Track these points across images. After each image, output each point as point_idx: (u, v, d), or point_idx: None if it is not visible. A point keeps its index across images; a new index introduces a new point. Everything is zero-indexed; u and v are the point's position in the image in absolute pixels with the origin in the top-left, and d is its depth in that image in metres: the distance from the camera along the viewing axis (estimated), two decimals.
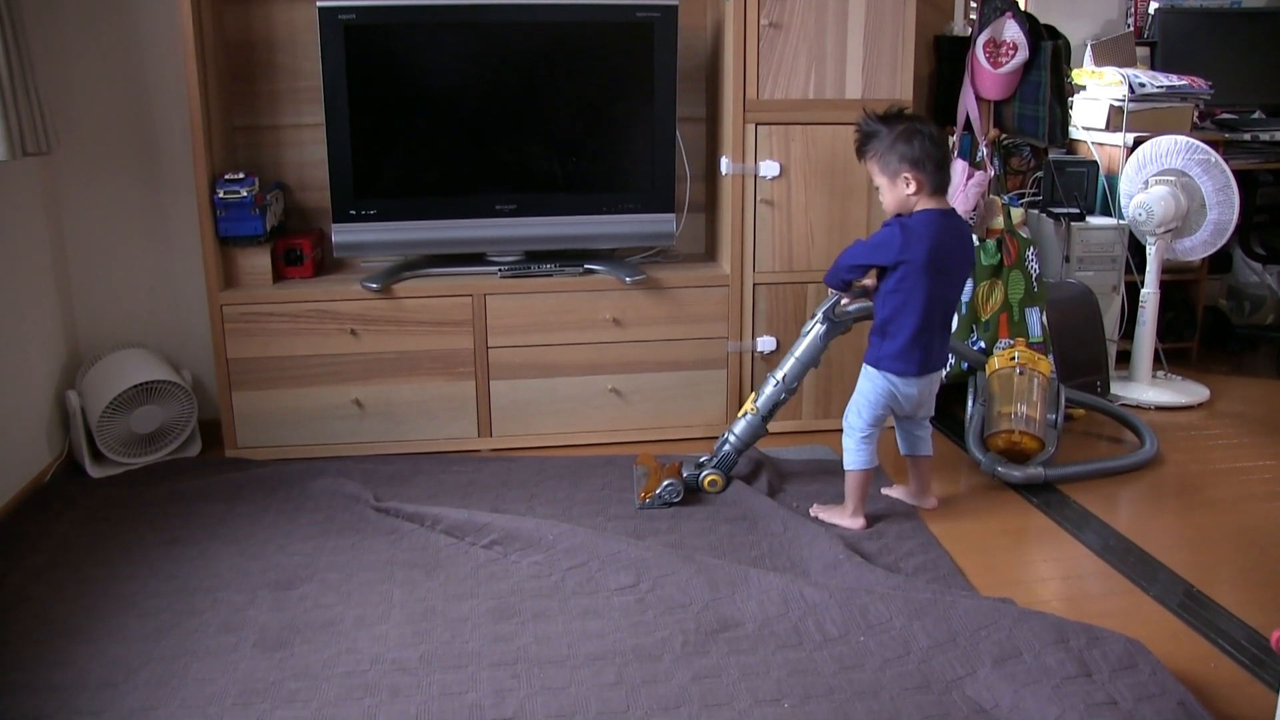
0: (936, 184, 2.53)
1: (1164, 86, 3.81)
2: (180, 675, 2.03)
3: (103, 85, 3.19)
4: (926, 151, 2.50)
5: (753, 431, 2.87)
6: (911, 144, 2.51)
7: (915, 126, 2.54)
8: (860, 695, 1.95)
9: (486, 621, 2.21)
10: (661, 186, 3.24)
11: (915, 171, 2.51)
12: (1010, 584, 2.42)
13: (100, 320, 3.33)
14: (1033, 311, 3.40)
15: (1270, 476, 3.06)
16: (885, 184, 2.57)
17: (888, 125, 2.56)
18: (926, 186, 2.52)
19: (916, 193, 2.52)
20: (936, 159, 2.52)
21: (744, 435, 2.87)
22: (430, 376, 3.17)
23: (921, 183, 2.51)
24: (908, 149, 2.51)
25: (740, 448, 2.88)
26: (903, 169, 2.52)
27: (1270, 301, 4.34)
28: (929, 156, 2.51)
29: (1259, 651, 2.12)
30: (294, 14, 3.21)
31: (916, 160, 2.50)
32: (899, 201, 2.55)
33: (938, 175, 2.53)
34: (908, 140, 2.51)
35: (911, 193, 2.52)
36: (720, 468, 2.87)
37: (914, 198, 2.53)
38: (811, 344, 2.80)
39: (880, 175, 2.58)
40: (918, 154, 2.50)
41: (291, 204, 3.37)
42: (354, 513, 2.74)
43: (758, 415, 2.85)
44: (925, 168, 2.51)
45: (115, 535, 2.64)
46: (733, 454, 2.88)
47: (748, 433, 2.87)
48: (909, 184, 2.52)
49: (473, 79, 3.16)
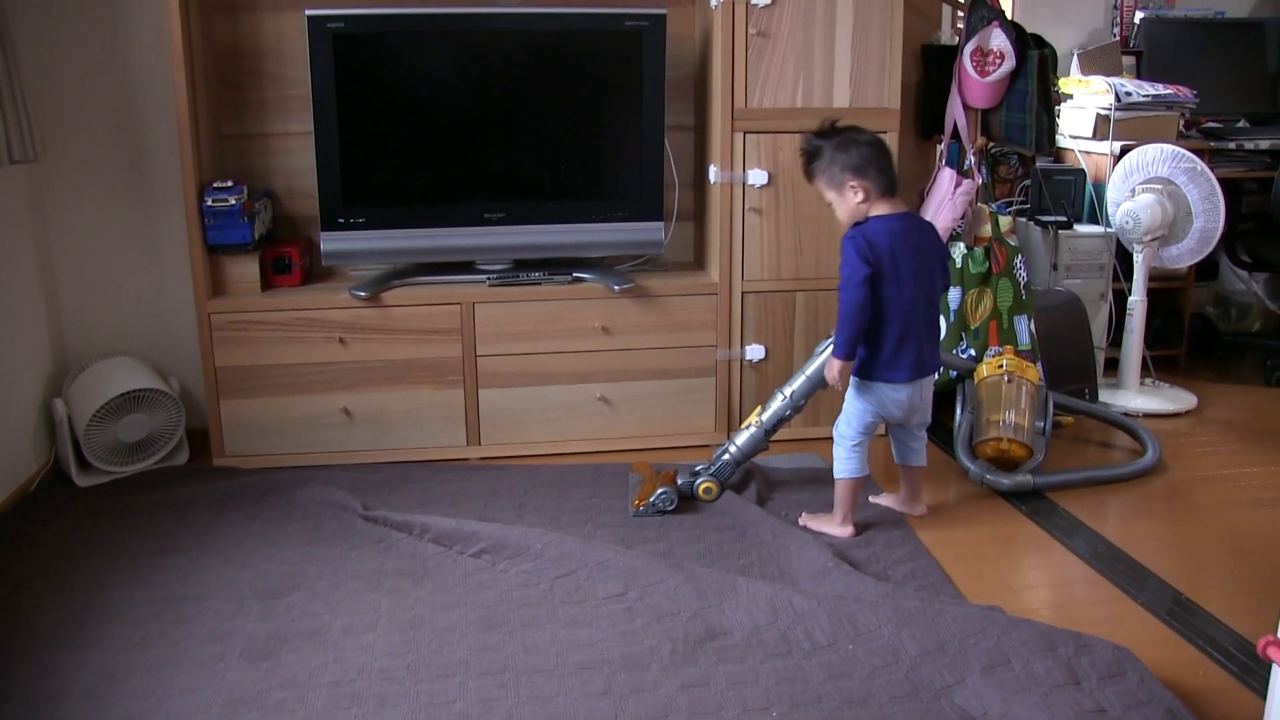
0: (884, 187, 2.53)
1: (1150, 95, 3.83)
2: (167, 685, 2.01)
3: (91, 93, 3.18)
4: (866, 157, 2.51)
5: (754, 444, 2.86)
6: (850, 152, 2.52)
7: (851, 135, 2.55)
8: (849, 704, 1.94)
9: (474, 630, 2.20)
10: (650, 195, 3.25)
11: (859, 178, 2.52)
12: (999, 592, 2.42)
13: (87, 328, 3.31)
14: (1021, 319, 3.41)
15: (1258, 483, 3.07)
16: (835, 197, 2.58)
17: (825, 139, 2.57)
18: (874, 191, 2.52)
19: (865, 199, 2.53)
20: (879, 163, 2.53)
21: (745, 447, 2.86)
22: (419, 385, 3.17)
23: (867, 189, 2.52)
24: (847, 157, 2.52)
25: (740, 459, 2.87)
26: (847, 178, 2.53)
27: (1257, 309, 4.36)
28: (870, 161, 2.52)
29: (1247, 659, 2.12)
30: (282, 22, 3.21)
31: (858, 167, 2.51)
32: (851, 211, 2.56)
33: (882, 178, 2.53)
34: (845, 149, 2.53)
35: (860, 200, 2.53)
36: (716, 476, 2.86)
37: (864, 205, 2.54)
38: (823, 364, 2.80)
39: (828, 190, 2.58)
40: (857, 160, 2.51)
41: (280, 212, 3.36)
42: (342, 521, 2.73)
43: (761, 429, 2.85)
44: (868, 173, 2.51)
45: (102, 544, 2.62)
46: (731, 464, 2.87)
47: (749, 445, 2.86)
48: (856, 192, 2.53)
49: (461, 88, 3.16)
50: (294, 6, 3.14)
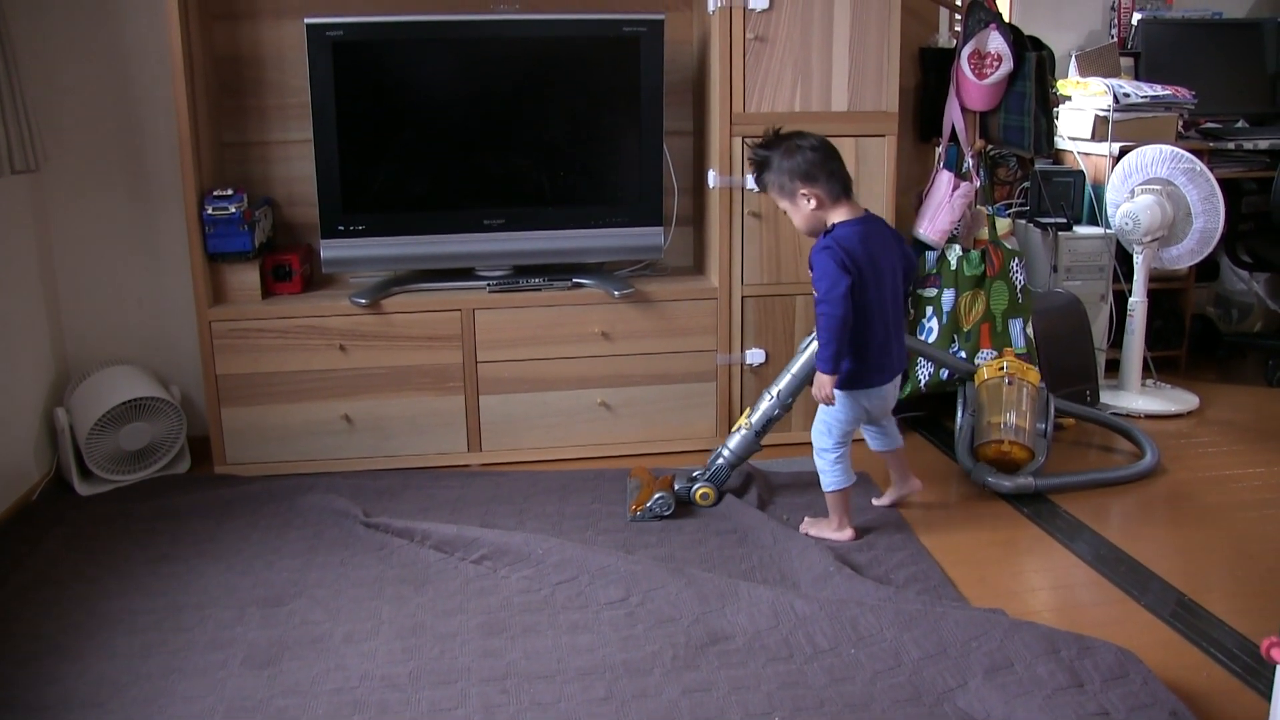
0: (836, 191, 2.49)
1: (1148, 96, 3.83)
2: (168, 693, 2.01)
3: (91, 102, 3.19)
4: (813, 162, 2.47)
5: (747, 446, 2.87)
6: (795, 158, 2.48)
7: (795, 142, 2.50)
8: (851, 708, 1.94)
9: (476, 637, 2.20)
10: (649, 200, 3.25)
11: (809, 185, 2.48)
12: (1001, 594, 2.42)
13: (88, 337, 3.32)
14: (1016, 322, 3.41)
15: (1260, 484, 3.06)
16: (789, 206, 2.54)
17: (771, 149, 2.52)
18: (826, 197, 2.48)
19: (819, 206, 2.49)
20: (828, 167, 2.48)
21: (738, 450, 2.87)
22: (419, 391, 3.17)
23: (819, 195, 2.48)
24: (794, 164, 2.48)
25: (734, 462, 2.88)
26: (797, 186, 2.49)
27: (1258, 309, 4.36)
28: (818, 166, 2.47)
29: (1251, 660, 2.12)
30: (282, 30, 3.21)
31: (806, 174, 2.47)
32: (807, 219, 2.52)
33: (832, 182, 2.48)
34: (791, 156, 2.48)
35: (814, 208, 2.49)
36: (712, 481, 2.86)
37: (819, 211, 2.50)
38: (808, 361, 2.80)
39: (781, 200, 2.54)
40: (805, 167, 2.47)
41: (280, 220, 3.37)
42: (343, 528, 2.73)
43: (751, 430, 2.85)
44: (817, 179, 2.47)
45: (103, 553, 2.62)
46: (726, 468, 2.87)
47: (742, 447, 2.86)
48: (809, 199, 2.49)
49: (460, 94, 3.17)
50: (293, 14, 3.14)
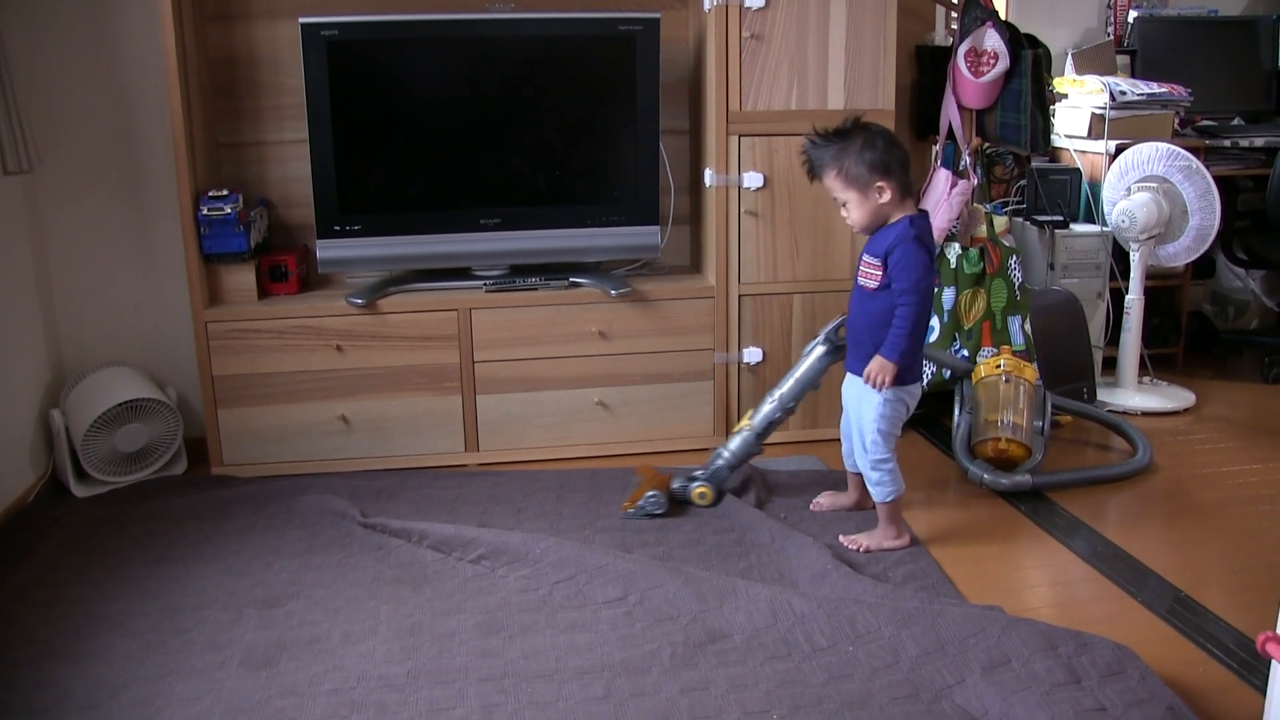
0: (906, 187, 2.49)
1: (1144, 94, 3.83)
2: (166, 695, 2.01)
3: (85, 103, 3.18)
4: (892, 155, 2.46)
5: (747, 448, 2.86)
6: (875, 150, 2.45)
7: (873, 132, 2.48)
8: (849, 705, 1.94)
9: (474, 636, 2.20)
10: (646, 199, 3.25)
11: (886, 178, 2.45)
12: (999, 592, 2.42)
13: (84, 338, 3.31)
14: (1015, 320, 3.41)
15: (1257, 480, 3.07)
16: (855, 198, 2.48)
17: (844, 139, 2.48)
18: (899, 191, 2.47)
19: (890, 200, 2.48)
20: (902, 160, 2.48)
21: (738, 451, 2.86)
22: (416, 391, 3.16)
23: (894, 189, 2.46)
24: (874, 156, 2.44)
25: (734, 463, 2.87)
26: (874, 178, 2.45)
27: (1254, 306, 4.37)
28: (895, 160, 2.46)
29: (1247, 655, 2.12)
30: (276, 31, 3.21)
31: (887, 166, 2.45)
32: (872, 213, 2.48)
33: (906, 177, 2.48)
34: (871, 147, 2.45)
35: (885, 201, 2.47)
36: (711, 481, 2.86)
37: (887, 206, 2.48)
38: (812, 366, 2.80)
39: (847, 189, 2.48)
40: (884, 160, 2.45)
41: (276, 220, 3.36)
42: (340, 529, 2.73)
43: (753, 432, 2.84)
44: (894, 172, 2.46)
45: (100, 555, 2.62)
46: (725, 469, 2.87)
47: (742, 449, 2.86)
48: (883, 193, 2.46)
49: (456, 93, 3.17)
50: (288, 14, 3.14)
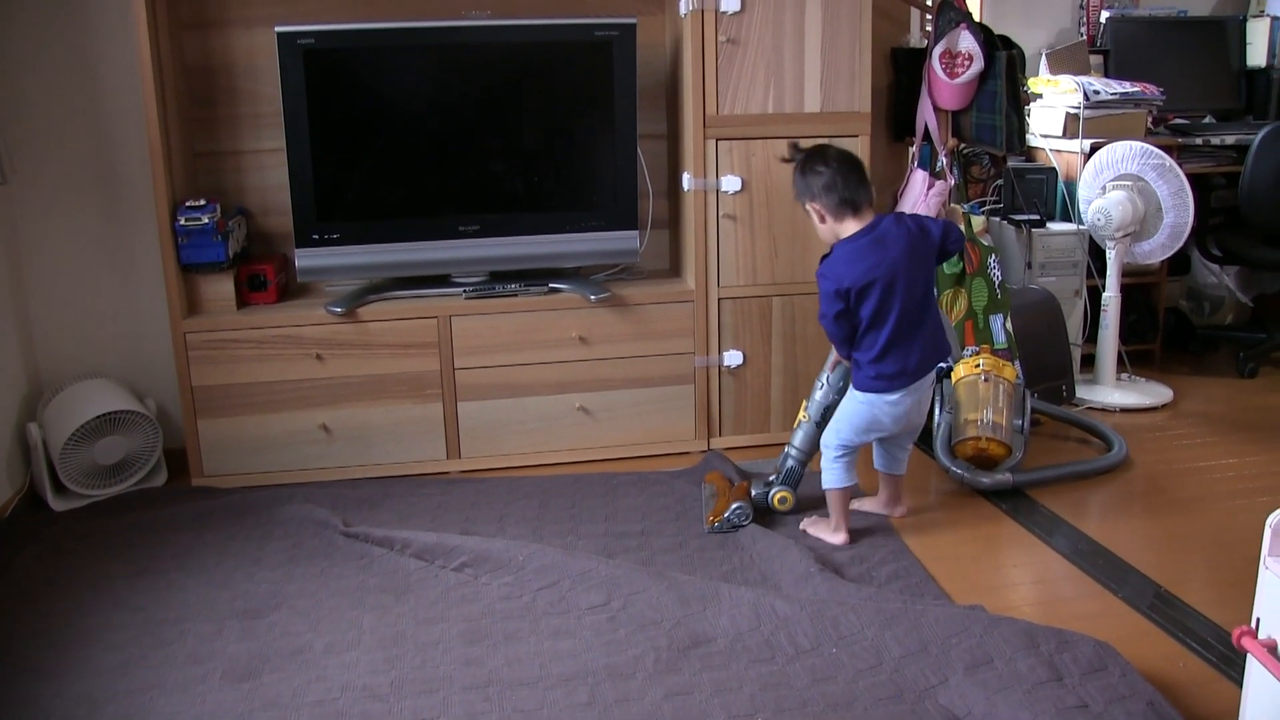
0: (835, 206, 2.53)
1: (1118, 93, 3.86)
2: (147, 709, 2.00)
3: (60, 113, 3.16)
4: (818, 179, 2.54)
5: (811, 440, 2.82)
6: (806, 175, 2.57)
7: (810, 158, 2.59)
8: (833, 707, 1.95)
9: (458, 645, 2.19)
10: (624, 204, 3.25)
11: (814, 202, 2.56)
12: (981, 590, 2.44)
13: (61, 351, 3.29)
14: (996, 319, 3.43)
15: (1234, 475, 3.09)
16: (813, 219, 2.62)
17: (795, 164, 2.63)
18: (829, 214, 2.55)
19: (824, 221, 2.57)
20: (825, 183, 2.53)
21: (804, 445, 2.83)
22: (397, 399, 3.16)
23: (821, 211, 2.55)
24: (805, 182, 2.57)
25: (803, 459, 2.84)
26: (804, 202, 2.59)
27: (1229, 301, 4.41)
28: (820, 183, 2.54)
29: (1226, 649, 2.14)
30: (253, 39, 3.20)
31: (814, 191, 2.55)
32: (822, 233, 2.61)
33: (831, 196, 2.53)
34: (803, 172, 2.58)
35: (823, 223, 2.58)
36: (788, 483, 2.84)
37: (826, 226, 2.57)
38: None
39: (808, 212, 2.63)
40: (814, 184, 2.55)
41: (254, 229, 3.35)
42: (323, 539, 2.72)
43: (811, 423, 2.81)
44: (819, 196, 2.54)
45: (79, 568, 2.60)
46: (798, 467, 2.84)
47: (806, 442, 2.82)
48: (816, 214, 2.57)
49: (433, 101, 3.16)
50: (264, 23, 3.13)
